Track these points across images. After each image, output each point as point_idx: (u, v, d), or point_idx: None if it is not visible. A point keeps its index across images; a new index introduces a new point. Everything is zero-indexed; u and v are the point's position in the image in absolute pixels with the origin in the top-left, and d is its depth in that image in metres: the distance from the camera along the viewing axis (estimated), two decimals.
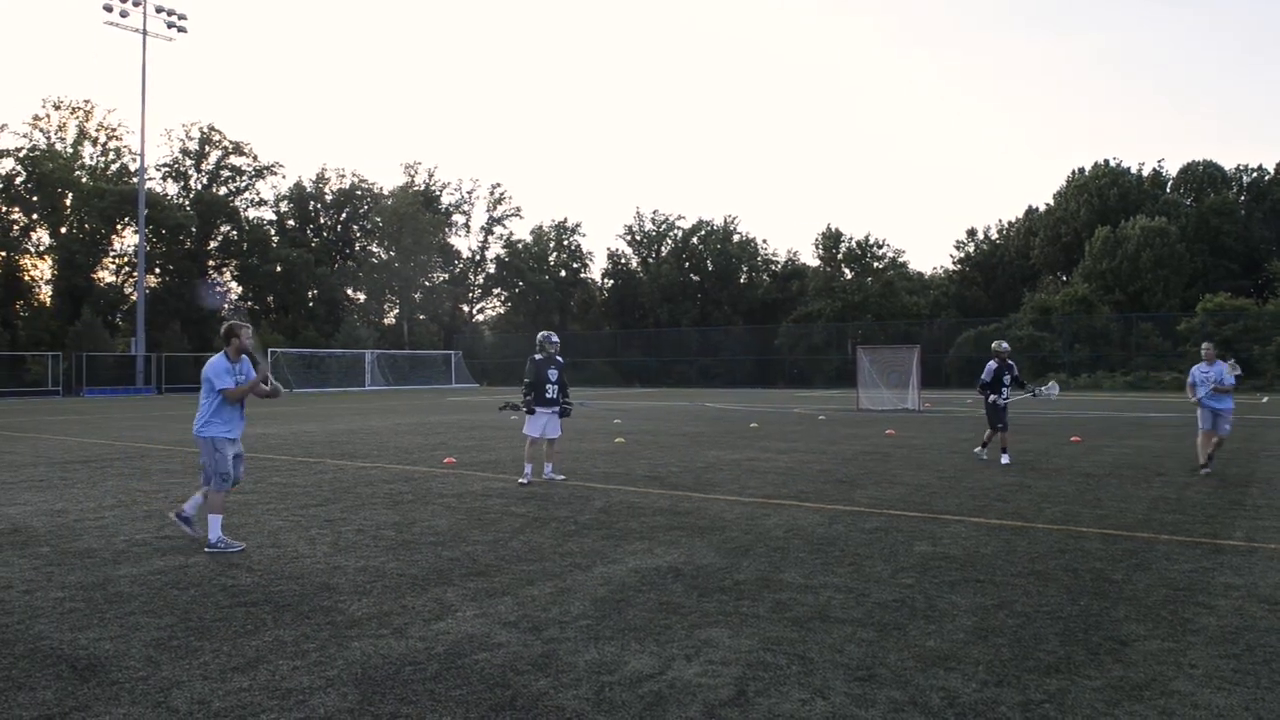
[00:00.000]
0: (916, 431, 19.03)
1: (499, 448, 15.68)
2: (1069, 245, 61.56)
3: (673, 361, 62.06)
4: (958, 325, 56.56)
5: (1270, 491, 10.25)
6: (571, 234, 76.60)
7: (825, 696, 4.05)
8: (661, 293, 70.33)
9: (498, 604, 5.58)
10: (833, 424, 21.61)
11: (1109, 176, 63.08)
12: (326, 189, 71.14)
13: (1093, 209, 61.19)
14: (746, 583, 6.10)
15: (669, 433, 19.11)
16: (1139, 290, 53.75)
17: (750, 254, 73.21)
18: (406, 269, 68.57)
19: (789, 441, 16.75)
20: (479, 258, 76.43)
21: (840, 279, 64.65)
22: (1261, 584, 6.07)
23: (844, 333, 59.09)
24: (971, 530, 7.99)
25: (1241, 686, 4.18)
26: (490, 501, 9.71)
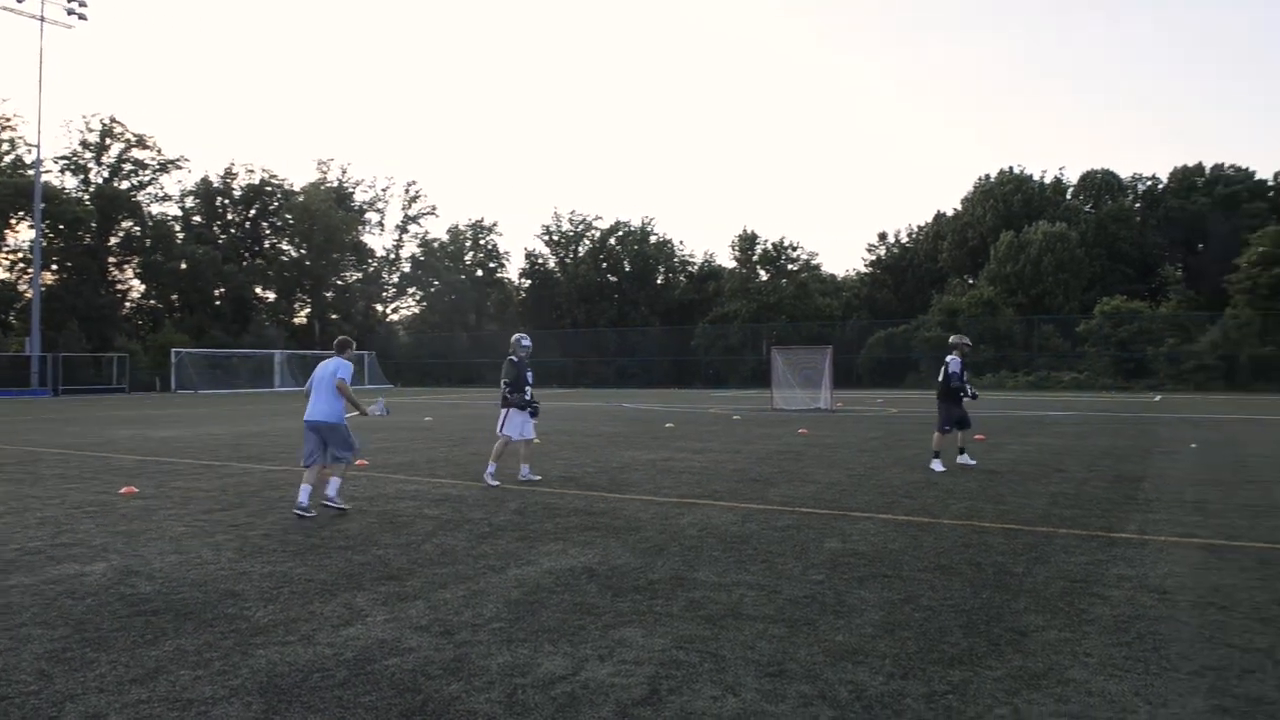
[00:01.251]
0: (829, 431, 19.37)
1: (413, 449, 15.47)
2: (975, 249, 63.36)
3: (590, 362, 62.02)
4: (869, 326, 57.74)
5: (1161, 486, 10.71)
6: (488, 233, 76.06)
7: (736, 693, 4.10)
8: (579, 293, 70.23)
9: (409, 608, 5.51)
10: (747, 424, 21.86)
11: (1013, 183, 65.14)
12: (234, 184, 69.19)
13: (998, 214, 63.09)
14: (660, 582, 6.13)
15: (585, 433, 19.10)
16: (1041, 293, 55.60)
17: (667, 255, 73.59)
18: (318, 267, 67.15)
19: (704, 441, 16.89)
20: (393, 256, 75.32)
21: (756, 280, 65.40)
22: (1152, 575, 6.33)
23: (759, 333, 59.82)
24: (880, 527, 8.17)
25: (1133, 673, 4.36)
26: (403, 504, 9.57)
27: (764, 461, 13.45)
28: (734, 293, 64.52)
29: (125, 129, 61.73)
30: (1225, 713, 3.87)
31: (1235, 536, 7.70)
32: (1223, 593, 5.85)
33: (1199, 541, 7.49)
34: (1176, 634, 4.98)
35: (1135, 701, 4.01)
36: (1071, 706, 3.94)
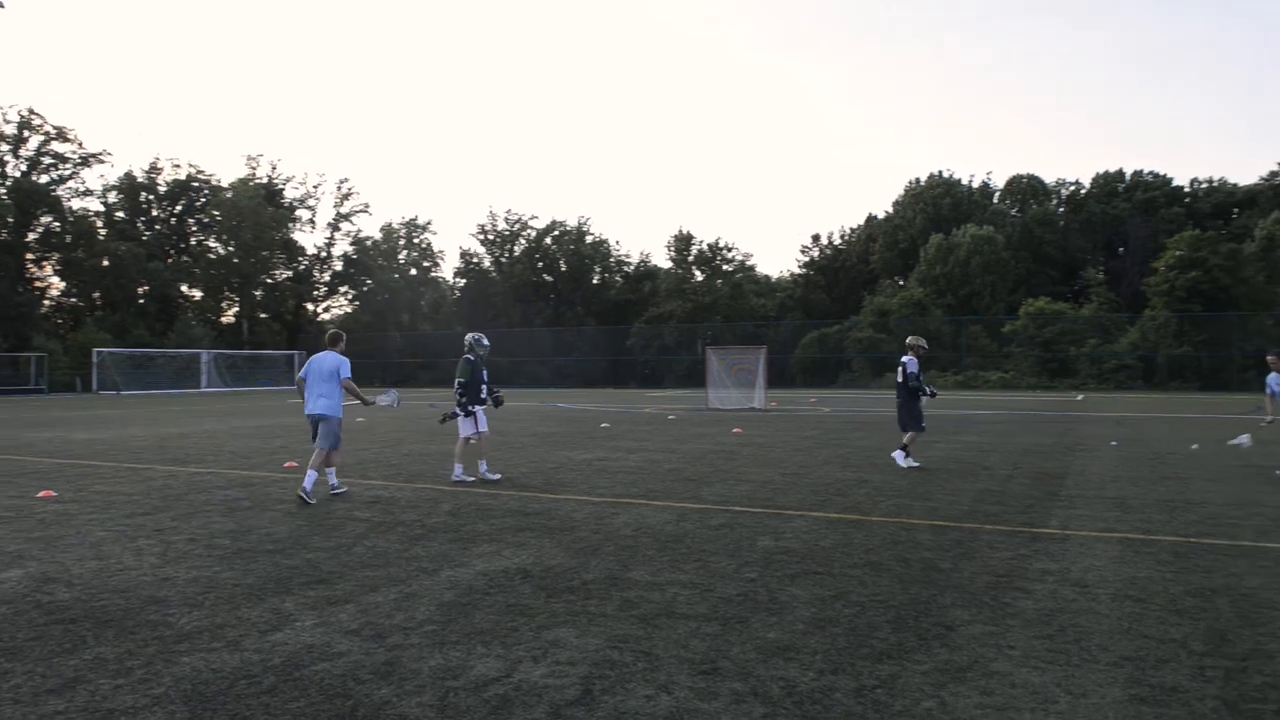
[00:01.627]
0: (762, 430, 19.55)
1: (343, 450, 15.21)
2: (906, 251, 64.57)
3: (525, 362, 61.70)
4: (803, 327, 58.43)
5: (1083, 483, 11.01)
6: (422, 231, 75.24)
7: (670, 691, 4.12)
8: (514, 292, 69.89)
9: (339, 612, 5.43)
10: (682, 423, 21.96)
11: (943, 187, 66.56)
12: (160, 180, 67.37)
13: (928, 217, 64.41)
14: (595, 582, 6.13)
15: (520, 433, 19.01)
16: (969, 294, 56.85)
17: (603, 255, 73.58)
18: (247, 265, 65.71)
19: (639, 441, 16.93)
20: (325, 254, 73.99)
21: (691, 281, 65.74)
22: (1073, 569, 6.51)
23: (694, 333, 60.15)
24: (812, 524, 8.27)
25: (1055, 665, 4.48)
26: (333, 506, 9.43)
27: (699, 461, 13.52)
28: (670, 293, 64.78)
29: (44, 121, 59.70)
30: (1142, 702, 4.00)
31: (1152, 531, 7.96)
32: (1140, 585, 6.04)
33: (1118, 536, 7.73)
34: (1096, 626, 5.12)
35: (1057, 692, 4.12)
36: (996, 698, 4.04)
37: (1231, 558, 6.88)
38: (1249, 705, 3.96)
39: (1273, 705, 3.96)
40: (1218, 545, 7.34)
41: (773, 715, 3.85)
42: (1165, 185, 66.08)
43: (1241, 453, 12.33)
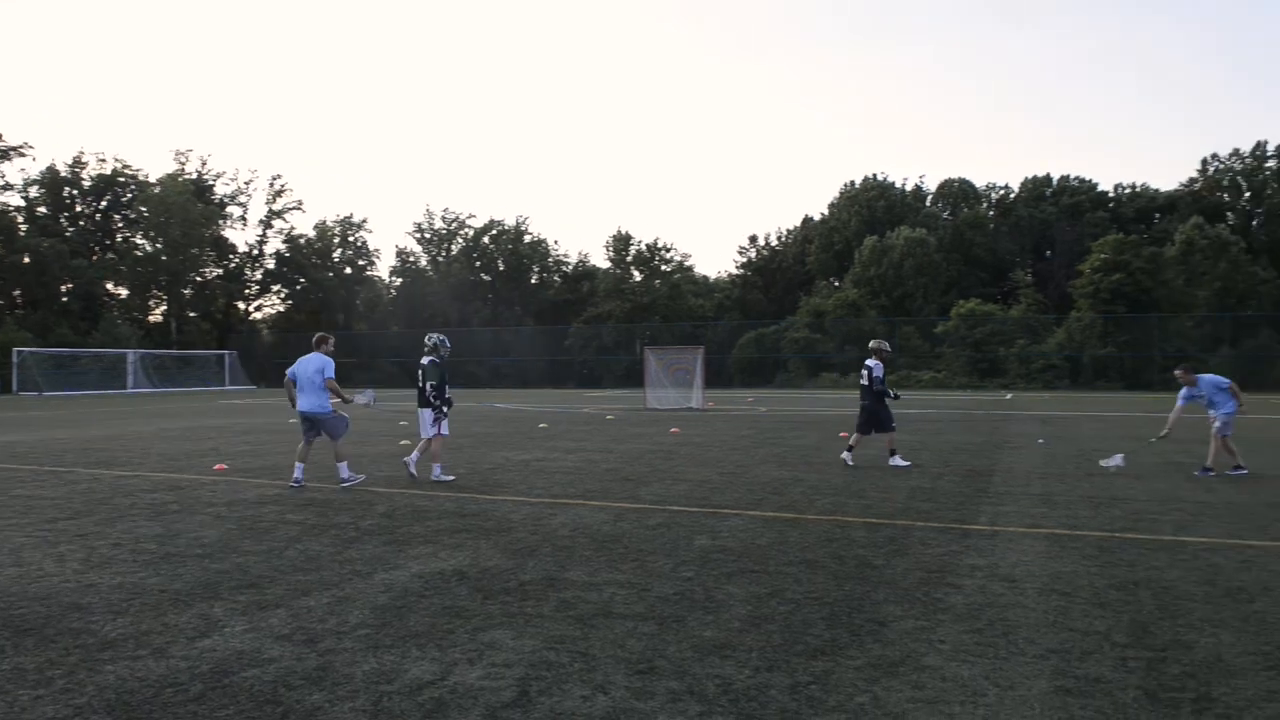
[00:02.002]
0: (700, 430, 19.65)
1: (276, 453, 14.95)
2: (841, 253, 65.43)
3: (462, 362, 61.09)
4: (740, 327, 58.85)
5: (1011, 480, 11.27)
6: (358, 230, 74.01)
7: (606, 691, 4.12)
8: (451, 292, 69.24)
9: (270, 617, 5.33)
10: (620, 423, 21.97)
11: (877, 190, 67.61)
12: (84, 174, 65.40)
13: (862, 219, 65.36)
14: (531, 583, 6.11)
15: (457, 434, 18.81)
16: (902, 295, 57.81)
17: (542, 255, 73.28)
18: (175, 262, 64.02)
19: (577, 441, 16.90)
20: (257, 252, 72.47)
21: (629, 281, 65.81)
22: (1002, 564, 6.66)
23: (633, 333, 60.22)
24: (748, 523, 8.34)
25: (983, 658, 4.57)
26: (265, 509, 9.25)
27: (636, 461, 13.54)
28: (608, 293, 64.76)
29: None
30: (1067, 693, 4.10)
31: (1077, 526, 8.17)
32: (1065, 579, 6.19)
33: (1044, 531, 7.92)
34: (1023, 619, 5.25)
35: (985, 685, 4.20)
36: (927, 692, 4.11)
37: (1153, 552, 7.10)
38: (1168, 694, 4.09)
39: (1190, 694, 4.09)
40: (1140, 540, 7.57)
41: (709, 713, 3.88)
42: (1091, 190, 68.00)
43: (1113, 470, 12.30)
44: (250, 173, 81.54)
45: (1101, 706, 3.94)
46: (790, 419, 23.48)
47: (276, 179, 72.97)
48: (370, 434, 18.76)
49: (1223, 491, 10.29)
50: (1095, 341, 48.20)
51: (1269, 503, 9.50)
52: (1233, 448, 11.96)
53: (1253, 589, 5.95)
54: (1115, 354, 47.84)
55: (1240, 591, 5.88)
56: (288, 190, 73.30)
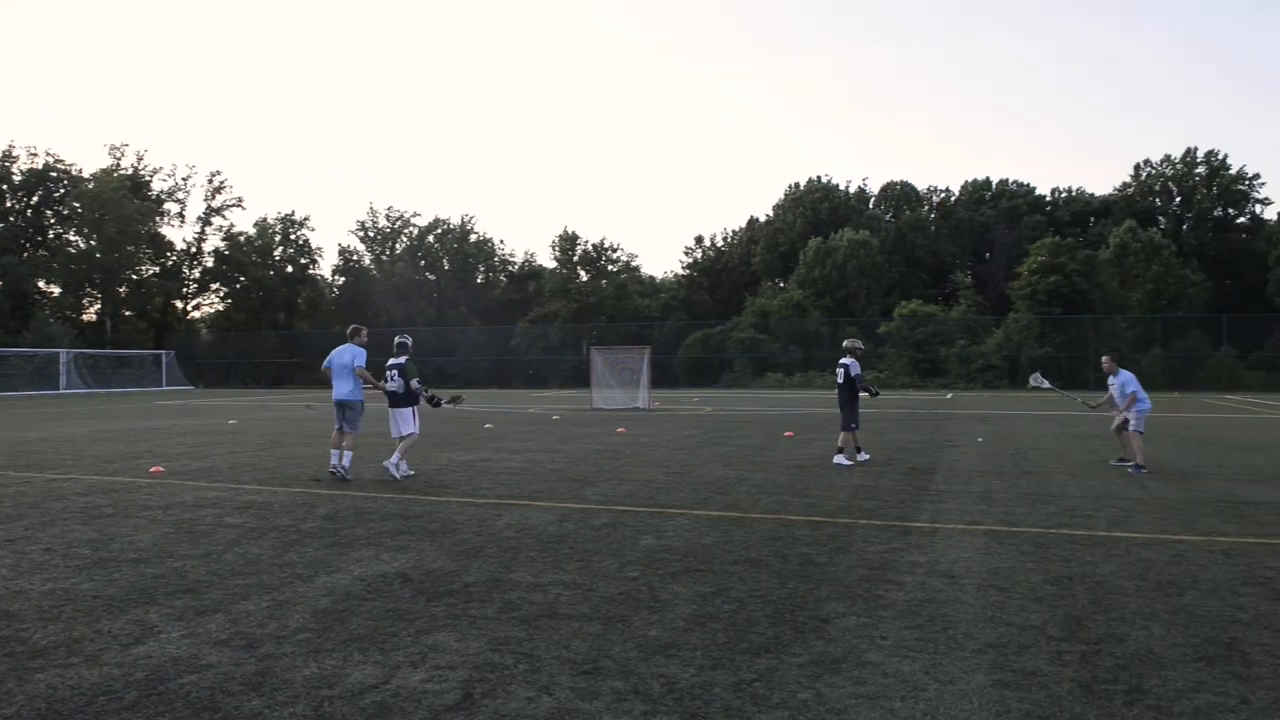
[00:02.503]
0: (646, 429, 19.68)
1: (214, 454, 14.67)
2: (786, 254, 65.97)
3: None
4: (686, 327, 59.04)
5: (951, 478, 11.46)
6: (299, 227, 72.77)
7: (551, 693, 4.10)
8: (395, 291, 68.49)
9: (207, 622, 5.22)
10: (566, 423, 21.93)
11: (821, 192, 68.29)
12: (15, 169, 63.47)
13: (807, 221, 65.96)
14: (476, 585, 6.07)
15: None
16: (845, 296, 58.47)
17: (487, 254, 72.83)
18: (110, 260, 62.45)
19: (523, 441, 16.83)
20: (195, 250, 70.92)
21: (576, 281, 65.70)
22: (942, 560, 6.77)
23: (579, 333, 60.11)
24: (694, 522, 8.37)
25: (923, 654, 4.64)
26: (202, 512, 9.06)
27: (582, 461, 13.53)
28: (554, 293, 64.58)
29: None
30: (1005, 686, 4.18)
31: (1015, 523, 8.34)
32: (1003, 575, 6.32)
33: (983, 528, 8.07)
34: (962, 615, 5.34)
35: (925, 680, 4.27)
36: (868, 688, 4.16)
37: (1087, 547, 7.27)
38: (1102, 686, 4.19)
39: (1123, 686, 4.19)
40: (1075, 535, 7.74)
41: (653, 713, 3.88)
42: (1028, 194, 69.43)
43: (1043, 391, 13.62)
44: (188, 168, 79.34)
45: (1037, 699, 4.03)
46: (736, 419, 23.63)
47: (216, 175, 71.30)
48: (314, 435, 18.50)
49: (1154, 488, 10.57)
50: (1033, 342, 49.22)
51: (1198, 499, 9.79)
52: (1133, 444, 12.52)
53: (1182, 582, 6.12)
54: (1052, 354, 48.83)
55: (1170, 585, 6.05)
56: (227, 187, 71.63)
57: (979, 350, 50.46)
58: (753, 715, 3.85)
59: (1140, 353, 48.91)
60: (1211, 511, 8.98)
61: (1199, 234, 63.06)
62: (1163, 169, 66.31)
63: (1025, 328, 49.82)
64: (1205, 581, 6.15)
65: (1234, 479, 11.41)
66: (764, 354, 54.12)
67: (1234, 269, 62.11)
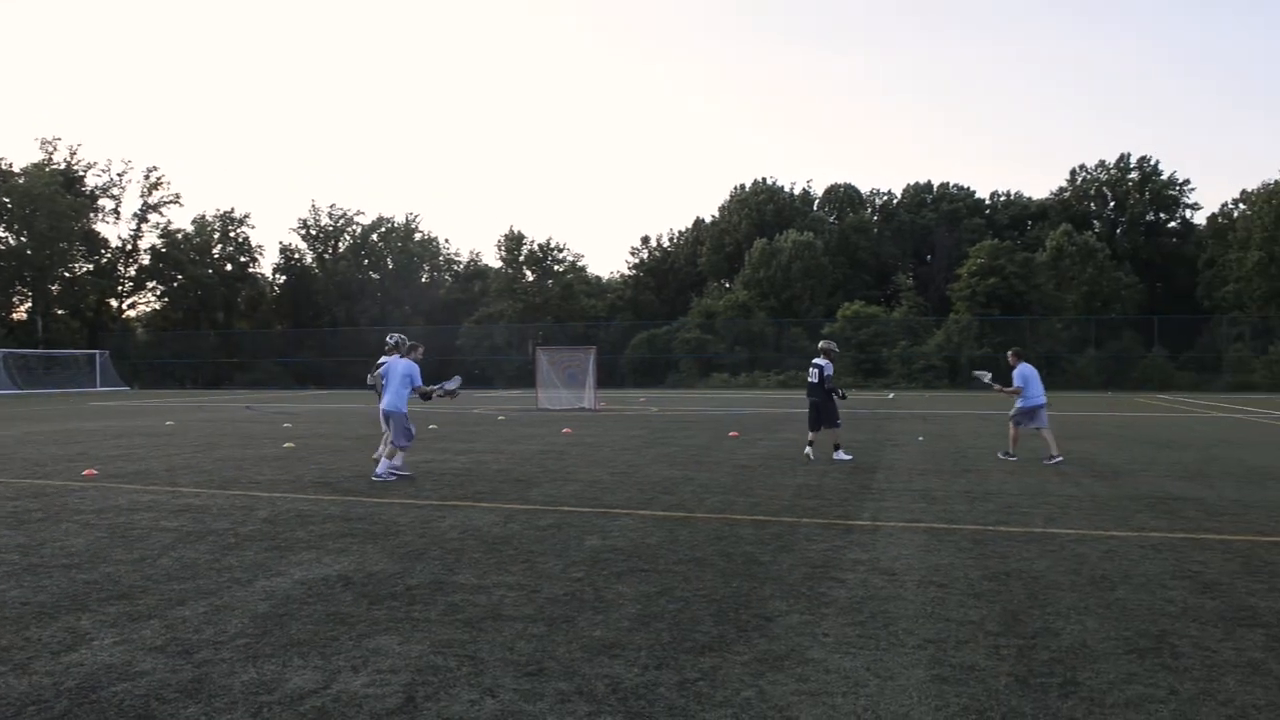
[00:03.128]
0: (592, 430, 19.66)
1: (150, 457, 14.35)
2: (731, 255, 66.42)
3: (350, 362, 59.76)
4: (632, 328, 59.13)
5: (893, 477, 11.62)
6: (239, 225, 71.38)
7: (494, 695, 4.08)
8: (338, 290, 67.56)
9: (142, 629, 5.11)
10: (512, 424, 21.83)
11: (766, 193, 68.84)
12: None
13: (752, 222, 66.47)
14: (419, 587, 6.01)
15: (343, 436, 18.44)
16: (790, 297, 59.01)
17: (432, 253, 72.20)
18: (41, 257, 60.66)
19: (467, 442, 16.72)
20: (130, 247, 69.19)
21: (522, 281, 65.42)
22: (883, 558, 6.86)
23: (525, 333, 59.89)
24: (639, 522, 8.38)
25: (865, 650, 4.70)
26: (137, 516, 8.86)
27: (527, 461, 13.48)
28: (500, 293, 64.26)
29: None
30: (943, 681, 4.25)
31: (954, 520, 8.48)
32: (942, 571, 6.42)
33: (923, 526, 8.20)
34: (903, 611, 5.42)
35: (866, 676, 4.32)
36: (811, 685, 4.20)
37: (1024, 543, 7.42)
38: (1037, 680, 4.27)
39: (1058, 679, 4.28)
40: (1012, 532, 7.90)
41: (597, 713, 3.88)
42: (968, 197, 70.74)
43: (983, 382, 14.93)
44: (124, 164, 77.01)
45: (975, 693, 4.10)
46: (681, 419, 23.71)
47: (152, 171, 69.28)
48: (253, 436, 18.19)
49: (1088, 485, 10.83)
50: (972, 342, 50.16)
51: (1130, 496, 10.04)
52: (1016, 437, 13.70)
53: (1115, 577, 6.27)
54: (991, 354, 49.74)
55: (1104, 580, 6.20)
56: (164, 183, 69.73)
57: (920, 351, 51.29)
58: (697, 714, 3.87)
59: (1075, 353, 50.18)
60: (1142, 508, 9.23)
61: (1132, 238, 64.76)
62: (1097, 174, 67.99)
63: (965, 329, 50.75)
64: (1136, 576, 6.31)
65: (1164, 476, 11.74)
66: (710, 354, 54.40)
67: (1165, 272, 63.93)
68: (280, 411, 28.15)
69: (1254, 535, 7.81)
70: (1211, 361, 49.06)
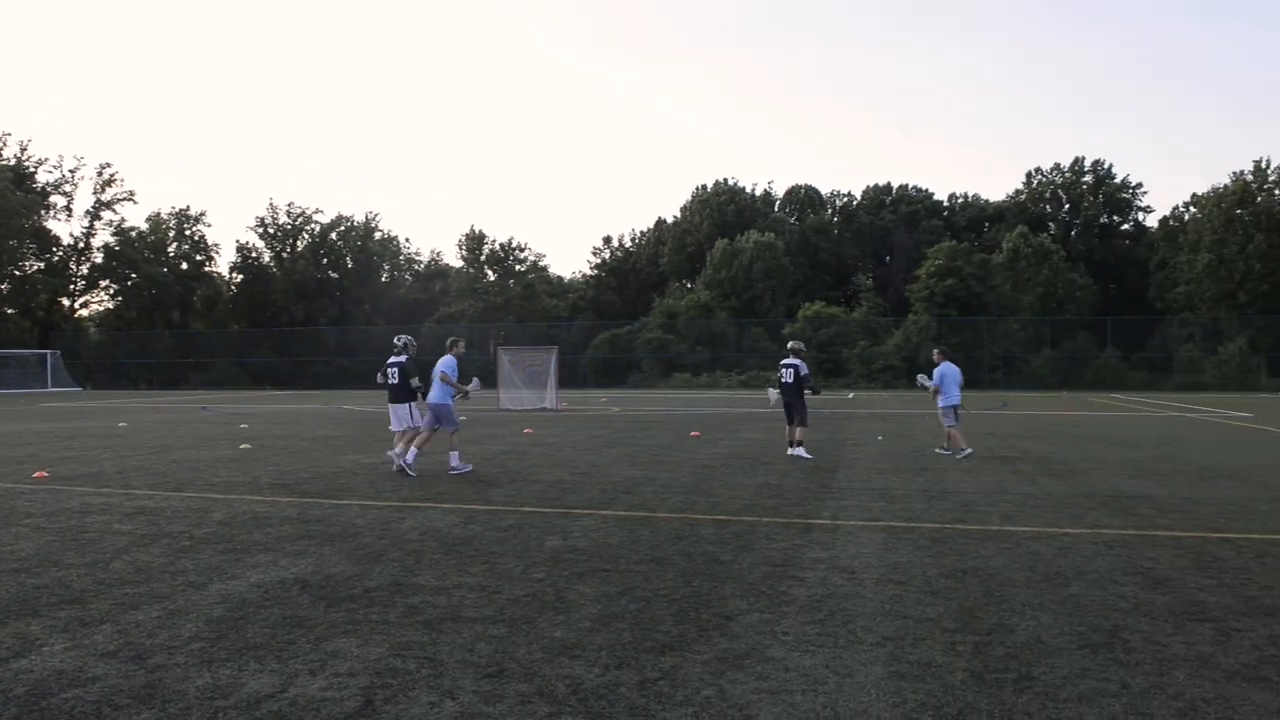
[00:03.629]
0: (553, 430, 19.62)
1: (103, 459, 14.10)
2: (693, 255, 66.59)
3: (308, 362, 59.23)
4: (594, 328, 59.09)
5: (853, 476, 11.71)
6: (195, 223, 70.27)
7: (454, 697, 4.06)
8: (297, 289, 66.77)
9: (94, 633, 5.02)
10: (473, 424, 21.71)
11: (727, 194, 69.07)
12: None
13: (713, 223, 66.67)
14: (378, 589, 5.96)
15: (301, 437, 18.23)
16: (751, 298, 59.29)
17: (392, 253, 71.61)
18: None
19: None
20: (83, 245, 67.85)
21: (483, 280, 65.11)
22: (842, 556, 6.92)
23: (486, 333, 59.58)
24: (600, 523, 8.38)
25: (824, 648, 4.74)
26: (90, 519, 8.70)
27: (489, 462, 13.42)
28: (461, 292, 63.91)
29: None
30: (901, 678, 4.30)
31: (912, 519, 8.57)
32: (901, 569, 6.49)
33: (882, 525, 8.27)
34: (861, 609, 5.46)
35: (825, 673, 4.36)
36: (770, 683, 4.23)
37: (981, 541, 7.52)
38: (993, 675, 4.33)
39: (1013, 674, 4.35)
40: (969, 530, 8.00)
41: (558, 714, 3.88)
42: (927, 199, 71.50)
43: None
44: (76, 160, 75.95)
45: (932, 689, 4.15)
46: (643, 419, 23.72)
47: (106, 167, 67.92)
48: (209, 437, 17.94)
49: (1044, 484, 10.99)
50: (930, 343, 50.65)
51: (1084, 493, 10.21)
52: (955, 435, 14.08)
53: (1069, 574, 6.37)
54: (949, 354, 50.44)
55: (1058, 576, 6.30)
56: (118, 180, 68.51)
57: (879, 351, 51.77)
58: (657, 714, 3.88)
59: (1031, 353, 50.92)
60: (1096, 505, 9.38)
61: (1086, 240, 65.80)
62: (1053, 177, 68.98)
63: (923, 329, 51.31)
64: (1090, 572, 6.42)
65: (1117, 474, 11.94)
66: (671, 354, 54.49)
67: (1118, 274, 65.06)
68: (237, 412, 27.77)
69: (1204, 532, 7.98)
70: (1163, 361, 50.01)
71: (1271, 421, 22.39)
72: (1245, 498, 9.91)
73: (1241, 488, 10.68)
